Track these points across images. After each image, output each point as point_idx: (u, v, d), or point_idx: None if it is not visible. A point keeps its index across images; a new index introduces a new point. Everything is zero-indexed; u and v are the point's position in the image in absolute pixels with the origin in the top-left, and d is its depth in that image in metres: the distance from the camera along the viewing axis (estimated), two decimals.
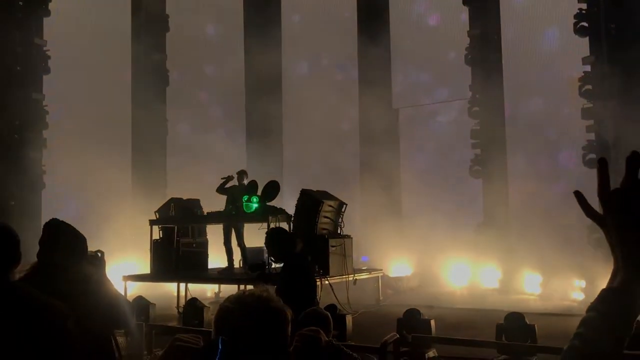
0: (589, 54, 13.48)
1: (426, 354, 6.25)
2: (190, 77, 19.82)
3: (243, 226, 11.36)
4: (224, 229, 11.45)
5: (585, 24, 13.38)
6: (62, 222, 3.14)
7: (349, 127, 20.48)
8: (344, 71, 21.19)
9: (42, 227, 3.18)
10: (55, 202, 15.37)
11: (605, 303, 0.99)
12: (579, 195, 1.02)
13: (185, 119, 19.59)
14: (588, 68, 13.52)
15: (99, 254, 3.26)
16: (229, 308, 1.39)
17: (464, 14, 16.61)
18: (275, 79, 18.66)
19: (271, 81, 18.20)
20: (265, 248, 11.01)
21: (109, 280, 3.10)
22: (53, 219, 3.17)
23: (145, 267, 12.04)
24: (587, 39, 13.61)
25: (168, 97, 18.17)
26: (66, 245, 3.02)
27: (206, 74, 20.22)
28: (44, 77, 15.02)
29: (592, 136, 13.38)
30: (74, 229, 3.10)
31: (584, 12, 13.43)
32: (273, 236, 5.92)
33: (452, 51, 18.42)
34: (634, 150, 1.00)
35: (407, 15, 19.72)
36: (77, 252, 3.05)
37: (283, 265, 5.97)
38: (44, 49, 14.89)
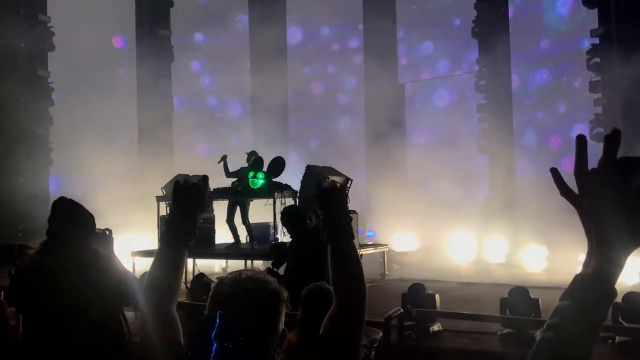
0: (597, 26, 13.30)
1: (430, 328, 6.32)
2: (194, 51, 19.76)
3: (249, 203, 11.38)
4: (228, 206, 11.48)
5: None
6: (70, 199, 3.17)
7: (355, 101, 20.41)
8: (349, 46, 21.03)
9: (50, 203, 3.22)
10: (63, 179, 15.50)
11: (579, 290, 0.95)
12: (555, 173, 0.98)
13: (189, 94, 19.60)
14: (596, 40, 13.35)
15: (107, 232, 3.30)
16: (226, 292, 1.37)
17: None
18: (280, 50, 18.56)
19: (275, 53, 18.09)
20: (271, 224, 11.17)
21: (117, 258, 3.15)
22: (61, 197, 3.21)
23: (153, 243, 12.15)
24: (596, 10, 13.41)
25: (173, 73, 18.13)
26: (74, 221, 3.06)
27: (210, 47, 20.12)
28: (49, 54, 14.98)
29: (599, 109, 13.28)
30: (82, 206, 3.14)
31: None
32: (288, 214, 6.06)
33: (459, 23, 18.23)
34: (615, 128, 0.96)
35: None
36: (84, 227, 3.09)
37: (298, 241, 6.06)
38: (48, 25, 14.82)
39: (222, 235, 12.20)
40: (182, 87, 18.99)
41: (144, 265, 11.01)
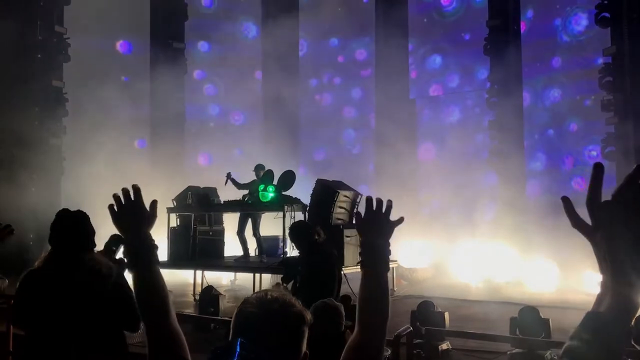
0: (610, 45, 13.28)
1: (439, 347, 6.27)
2: (205, 63, 19.91)
3: (260, 216, 11.41)
4: (239, 218, 11.51)
5: (607, 14, 13.17)
6: (72, 212, 3.22)
7: (365, 115, 20.45)
8: (362, 62, 21.12)
9: (61, 203, 3.28)
10: (74, 189, 15.57)
11: (591, 331, 0.88)
12: (566, 202, 0.93)
13: (201, 106, 19.73)
14: (609, 59, 13.32)
15: (122, 261, 3.34)
16: (251, 313, 1.34)
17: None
18: (292, 62, 18.67)
19: (288, 64, 18.20)
20: (280, 237, 11.17)
21: (126, 281, 3.15)
22: (63, 209, 3.26)
23: (162, 254, 12.17)
24: (608, 29, 13.40)
25: (186, 85, 18.30)
26: (75, 235, 3.11)
27: (222, 58, 20.29)
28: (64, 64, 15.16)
29: (612, 128, 13.21)
30: (83, 218, 3.19)
31: (606, 2, 13.21)
32: (297, 230, 6.07)
33: (471, 41, 18.26)
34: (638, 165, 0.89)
35: (425, 7, 19.56)
36: (84, 240, 3.13)
37: (307, 256, 6.06)
38: (65, 36, 15.01)
39: (231, 247, 12.21)
40: (194, 100, 19.14)
41: None
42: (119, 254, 3.93)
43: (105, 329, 2.97)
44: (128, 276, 3.26)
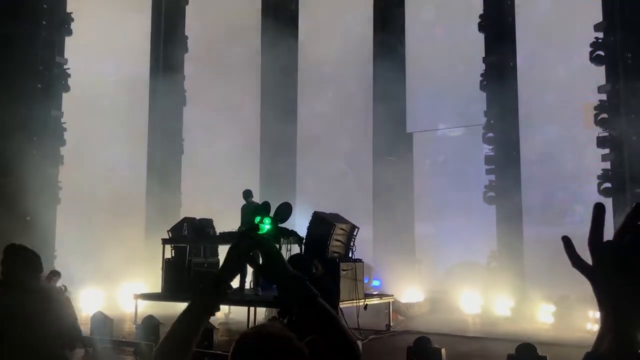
0: (605, 83, 13.46)
1: None
2: (206, 96, 20.07)
3: None
4: None
5: (601, 52, 13.38)
6: (18, 245, 3.56)
7: (362, 149, 20.53)
8: (359, 94, 21.34)
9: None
10: (70, 219, 15.51)
11: None
12: (566, 242, 0.91)
13: (200, 138, 19.79)
14: (604, 96, 13.49)
15: (63, 288, 3.63)
16: (250, 348, 1.34)
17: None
18: (291, 107, 18.83)
19: (287, 111, 18.35)
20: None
21: (71, 306, 3.33)
22: (10, 243, 3.57)
23: (156, 286, 12.07)
24: (603, 67, 13.59)
25: (185, 116, 18.41)
26: (22, 265, 3.42)
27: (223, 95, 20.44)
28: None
29: (607, 165, 13.29)
30: (30, 250, 3.52)
31: (600, 40, 13.44)
32: (295, 263, 6.01)
33: (467, 77, 18.48)
34: (638, 203, 0.88)
35: (423, 42, 19.86)
36: (31, 269, 3.44)
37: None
38: (65, 67, 15.15)
39: None
40: (191, 129, 19.25)
41: (146, 307, 10.93)
42: None
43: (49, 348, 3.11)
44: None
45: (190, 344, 1.57)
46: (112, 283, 14.73)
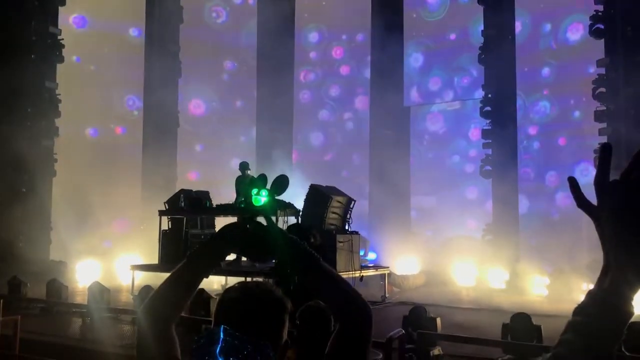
0: (604, 56, 13.38)
1: (431, 352, 6.24)
2: (203, 66, 19.91)
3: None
4: None
5: (601, 25, 13.27)
6: None
7: (358, 124, 20.48)
8: (357, 67, 21.20)
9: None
10: (65, 192, 15.48)
11: (594, 306, 0.90)
12: (573, 182, 0.92)
13: (195, 109, 19.70)
14: (602, 70, 13.41)
15: None
16: (232, 298, 1.34)
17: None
18: (287, 79, 18.67)
19: (283, 82, 18.21)
20: None
21: None
22: None
23: (153, 257, 12.12)
24: (602, 41, 13.49)
25: (180, 87, 18.26)
26: None
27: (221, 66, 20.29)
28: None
29: (604, 139, 13.28)
30: None
31: (600, 13, 13.31)
32: (294, 233, 6.00)
33: (464, 50, 18.36)
34: None
35: (422, 21, 19.67)
36: None
37: None
38: (59, 37, 14.95)
39: None
40: (188, 99, 19.13)
41: (143, 279, 10.97)
42: None
43: None
44: None
45: (181, 300, 1.56)
46: (109, 255, 14.78)
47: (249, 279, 10.02)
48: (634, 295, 0.90)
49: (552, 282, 12.03)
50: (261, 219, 1.58)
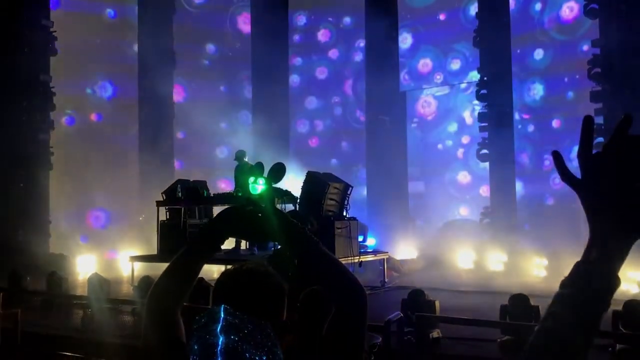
0: (599, 37, 13.34)
1: (430, 335, 6.29)
2: (196, 55, 19.82)
3: None
4: None
5: (595, 5, 13.21)
6: None
7: (355, 108, 20.46)
8: (354, 53, 21.12)
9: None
10: (62, 180, 15.46)
11: (580, 279, 0.90)
12: (556, 156, 0.93)
13: (191, 99, 19.66)
14: (597, 50, 13.38)
15: None
16: (229, 280, 1.36)
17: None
18: (282, 64, 18.57)
19: (278, 64, 18.10)
20: None
21: None
22: None
23: (152, 248, 12.15)
24: (597, 21, 13.45)
25: (175, 79, 18.19)
26: None
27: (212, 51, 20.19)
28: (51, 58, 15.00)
29: (600, 119, 13.27)
30: None
31: None
32: None
33: (461, 34, 18.29)
34: (627, 113, 0.91)
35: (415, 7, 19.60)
36: None
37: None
38: (51, 30, 14.84)
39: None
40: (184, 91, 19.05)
41: (143, 269, 11.01)
42: None
43: None
44: None
45: (185, 285, 1.56)
46: (107, 247, 14.81)
47: None
48: (619, 266, 0.91)
49: (550, 263, 12.09)
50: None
